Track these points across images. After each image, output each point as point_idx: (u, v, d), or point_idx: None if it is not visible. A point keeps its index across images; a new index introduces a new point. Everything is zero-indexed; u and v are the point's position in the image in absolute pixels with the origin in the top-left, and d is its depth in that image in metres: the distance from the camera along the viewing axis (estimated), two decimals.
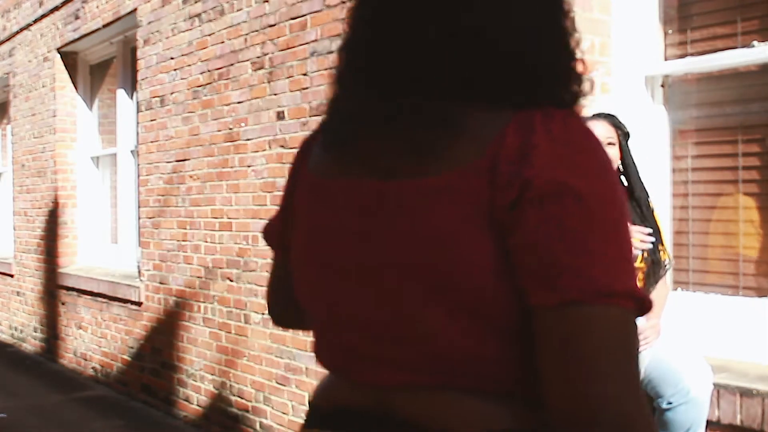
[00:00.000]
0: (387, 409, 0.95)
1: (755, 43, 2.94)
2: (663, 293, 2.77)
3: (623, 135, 2.76)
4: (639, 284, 2.66)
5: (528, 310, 0.86)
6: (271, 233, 1.21)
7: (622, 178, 2.78)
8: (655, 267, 2.72)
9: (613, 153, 2.74)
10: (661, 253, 2.74)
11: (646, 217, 2.74)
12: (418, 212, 0.90)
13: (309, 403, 1.09)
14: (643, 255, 2.70)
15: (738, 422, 2.62)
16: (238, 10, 4.76)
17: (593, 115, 2.77)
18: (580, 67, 0.97)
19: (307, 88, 4.24)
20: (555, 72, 0.95)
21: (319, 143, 1.07)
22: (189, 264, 5.30)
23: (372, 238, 0.94)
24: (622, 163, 2.78)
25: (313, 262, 1.03)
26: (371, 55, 0.97)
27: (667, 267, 2.76)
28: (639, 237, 2.61)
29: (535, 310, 0.85)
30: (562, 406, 0.83)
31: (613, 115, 2.77)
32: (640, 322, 2.63)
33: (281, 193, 1.18)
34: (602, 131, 2.72)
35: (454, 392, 0.91)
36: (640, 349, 2.48)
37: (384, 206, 0.93)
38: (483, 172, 0.87)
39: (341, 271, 0.98)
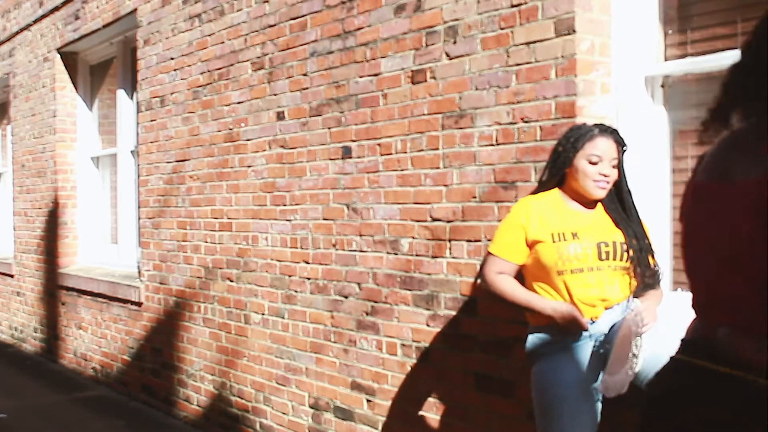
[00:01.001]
0: (712, 338, 1.45)
1: None
2: (658, 292, 2.78)
3: (623, 151, 2.75)
4: (633, 285, 2.68)
5: None
6: None
7: (613, 191, 2.76)
8: (645, 271, 2.71)
9: (614, 174, 2.72)
10: (651, 264, 2.74)
11: (635, 231, 2.73)
12: (721, 207, 1.42)
13: (682, 339, 1.57)
14: (629, 257, 2.69)
15: None
16: (238, 11, 4.76)
17: (598, 129, 2.73)
18: None
19: (307, 88, 4.24)
20: None
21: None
22: (189, 264, 5.30)
23: (706, 224, 1.46)
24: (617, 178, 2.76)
25: (688, 242, 1.56)
26: (740, 86, 1.57)
27: (659, 274, 2.76)
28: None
29: None
30: None
31: (615, 130, 2.73)
32: (636, 303, 2.63)
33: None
34: (610, 151, 2.69)
35: (749, 332, 1.38)
36: (640, 330, 2.49)
37: (710, 202, 1.46)
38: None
39: (697, 247, 1.52)
